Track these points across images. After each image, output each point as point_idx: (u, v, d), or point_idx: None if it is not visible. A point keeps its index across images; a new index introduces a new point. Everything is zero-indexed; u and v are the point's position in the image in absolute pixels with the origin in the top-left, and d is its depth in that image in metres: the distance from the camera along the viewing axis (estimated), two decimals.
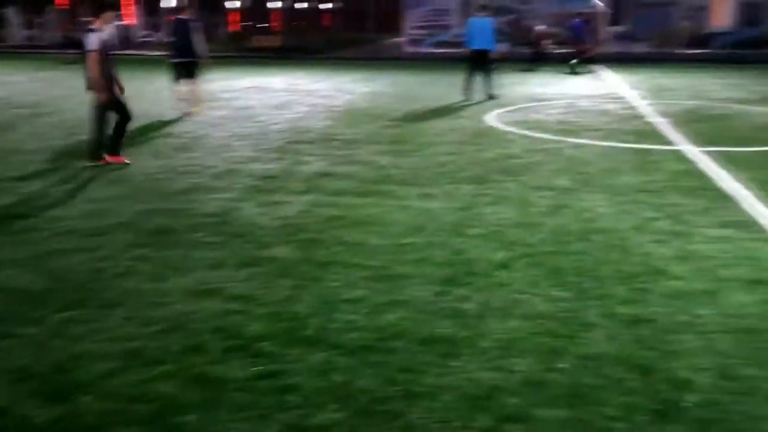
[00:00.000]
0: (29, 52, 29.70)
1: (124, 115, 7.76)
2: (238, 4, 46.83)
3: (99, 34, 7.45)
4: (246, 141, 9.05)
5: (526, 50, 21.06)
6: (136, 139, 9.24)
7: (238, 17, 51.87)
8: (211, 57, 12.64)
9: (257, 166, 7.49)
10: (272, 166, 7.50)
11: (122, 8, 40.31)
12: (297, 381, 3.08)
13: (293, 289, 4.12)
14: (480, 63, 13.16)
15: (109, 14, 7.75)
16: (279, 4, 48.67)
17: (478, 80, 13.12)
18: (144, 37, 39.95)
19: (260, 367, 3.19)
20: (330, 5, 56.04)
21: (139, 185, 6.69)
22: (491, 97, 13.01)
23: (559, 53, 21.03)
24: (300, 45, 29.99)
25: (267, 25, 48.06)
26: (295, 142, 8.97)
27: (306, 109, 12.19)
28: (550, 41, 21.79)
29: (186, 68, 11.32)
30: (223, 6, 43.21)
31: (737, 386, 3.02)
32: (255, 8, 50.92)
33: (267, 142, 8.99)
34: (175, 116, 11.12)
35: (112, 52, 7.68)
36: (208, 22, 36.61)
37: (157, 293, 4.05)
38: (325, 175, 7.07)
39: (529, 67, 19.39)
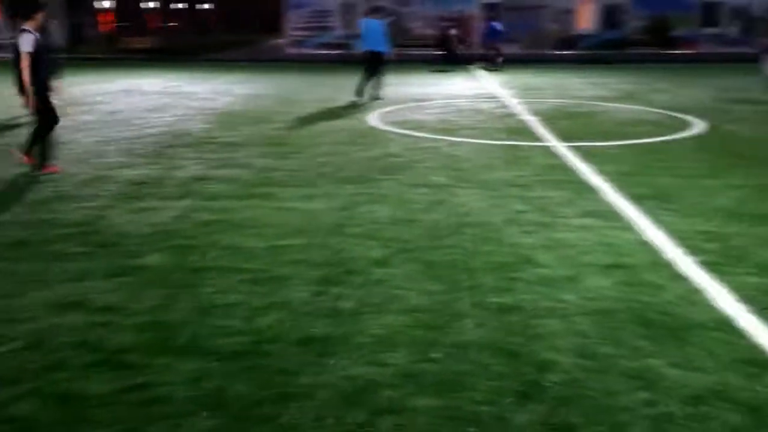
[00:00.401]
0: None
1: (50, 121, 7.28)
2: (107, 4, 44.69)
3: (32, 35, 7.01)
4: (116, 146, 8.64)
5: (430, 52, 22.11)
6: None
7: (110, 17, 49.45)
8: (80, 59, 11.96)
9: (128, 172, 7.17)
10: (145, 172, 7.20)
11: None
12: (166, 391, 2.97)
13: (165, 297, 3.97)
14: (372, 64, 13.27)
15: (39, 15, 7.21)
16: (152, 5, 46.92)
17: (370, 81, 13.27)
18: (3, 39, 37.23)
19: (127, 380, 3.05)
20: (207, 5, 54.67)
21: None
22: (376, 98, 13.17)
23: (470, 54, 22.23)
24: (176, 46, 29.03)
25: (139, 25, 46.23)
26: (170, 146, 8.67)
27: (182, 112, 11.81)
28: (464, 44, 22.99)
29: None
30: (92, 6, 41.08)
31: (595, 365, 3.22)
32: (128, 8, 48.79)
33: (139, 146, 8.63)
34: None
35: (50, 55, 7.23)
36: (74, 21, 34.66)
37: (13, 309, 3.79)
38: (202, 179, 6.88)
39: (442, 68, 20.15)
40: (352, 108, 12.29)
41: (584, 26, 27.07)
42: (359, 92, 13.23)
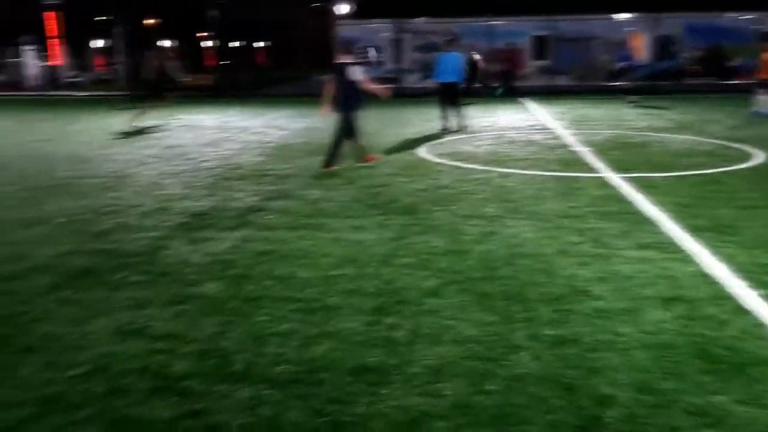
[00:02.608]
0: None
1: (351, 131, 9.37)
2: (168, 44, 46.48)
3: None
4: (176, 179, 8.92)
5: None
6: (58, 180, 8.99)
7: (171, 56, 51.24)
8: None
9: (187, 204, 7.38)
10: (203, 203, 7.40)
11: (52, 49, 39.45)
12: (223, 418, 3.02)
13: (221, 325, 4.05)
14: (447, 95, 13.76)
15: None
16: (210, 43, 48.64)
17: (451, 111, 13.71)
18: (70, 77, 39.06)
19: (185, 407, 3.11)
20: (261, 43, 56.29)
21: (59, 227, 6.48)
22: (463, 127, 13.69)
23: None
24: (231, 83, 29.92)
25: (198, 63, 47.84)
26: (227, 178, 8.90)
27: (238, 146, 12.13)
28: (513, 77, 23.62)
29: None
30: (154, 45, 42.82)
31: (656, 400, 3.13)
32: (187, 47, 50.65)
33: (198, 179, 8.88)
34: (97, 156, 10.88)
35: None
36: (136, 60, 36.15)
37: (78, 336, 3.92)
38: (257, 210, 7.03)
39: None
40: (402, 140, 12.39)
41: (636, 57, 26.76)
42: (445, 121, 13.76)
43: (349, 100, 9.34)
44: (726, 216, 6.38)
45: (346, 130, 9.44)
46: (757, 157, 9.73)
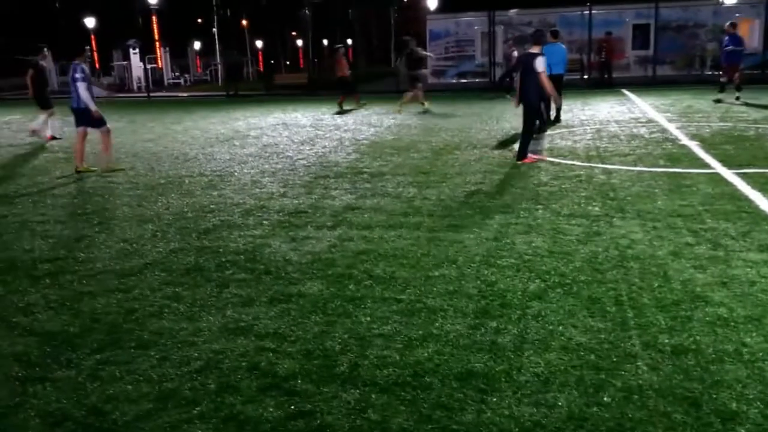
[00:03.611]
0: None
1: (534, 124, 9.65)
2: (262, 44, 47.74)
3: None
4: (274, 177, 9.12)
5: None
6: (165, 178, 9.38)
7: (263, 56, 52.85)
8: (239, 95, 12.85)
9: (285, 202, 7.53)
10: (300, 201, 7.52)
11: (154, 52, 41.45)
12: (332, 420, 3.02)
13: (325, 325, 4.08)
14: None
15: None
16: (300, 42, 49.63)
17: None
18: (173, 79, 40.92)
19: (294, 407, 3.14)
20: (350, 41, 56.94)
21: (169, 224, 6.75)
22: (559, 120, 13.67)
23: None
24: (324, 81, 30.41)
25: (291, 62, 48.94)
26: (323, 176, 9.02)
27: (332, 143, 12.28)
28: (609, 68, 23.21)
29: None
30: (252, 46, 44.14)
31: None
32: (279, 47, 51.89)
33: (295, 177, 9.04)
34: (200, 155, 11.28)
35: None
36: (230, 61, 37.38)
37: (191, 332, 4.04)
38: (353, 208, 7.07)
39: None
40: (496, 136, 12.16)
41: (746, 45, 25.16)
42: (545, 116, 13.37)
43: (533, 90, 9.25)
44: None
45: (532, 120, 9.48)
46: None
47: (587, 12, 25.38)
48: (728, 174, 7.85)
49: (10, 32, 42.25)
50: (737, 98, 15.92)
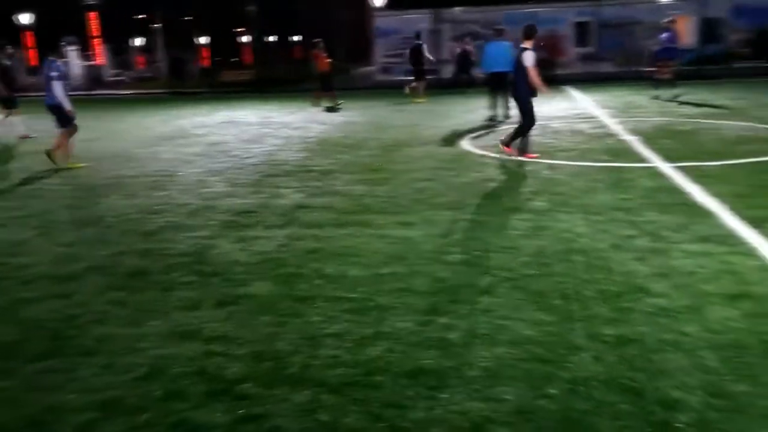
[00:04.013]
0: None
1: (532, 120, 9.43)
2: (206, 40, 46.93)
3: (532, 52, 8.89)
4: (220, 176, 8.98)
5: None
6: (106, 179, 9.13)
7: (208, 53, 51.92)
8: (182, 93, 12.63)
9: (233, 202, 7.42)
10: (249, 201, 7.42)
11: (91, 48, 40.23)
12: (282, 422, 2.99)
13: (274, 326, 4.03)
14: (497, 85, 13.66)
15: None
16: (245, 39, 49.01)
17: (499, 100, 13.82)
18: (114, 76, 39.83)
19: (244, 411, 3.09)
20: (298, 38, 56.47)
21: (110, 227, 6.57)
22: (507, 117, 13.62)
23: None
24: (270, 78, 30.12)
25: (236, 59, 48.29)
26: (271, 175, 8.92)
27: (280, 141, 12.17)
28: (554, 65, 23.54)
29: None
30: (194, 42, 43.32)
31: (729, 404, 2.99)
32: (224, 43, 51.09)
33: (242, 176, 8.92)
34: (143, 155, 11.03)
35: None
36: (173, 57, 36.64)
37: (135, 338, 3.94)
38: (303, 207, 7.02)
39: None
40: (445, 132, 12.26)
41: (681, 41, 26.02)
42: (493, 111, 13.85)
43: (522, 85, 9.13)
44: None
45: (528, 116, 9.27)
46: None
47: (531, 10, 25.82)
48: (667, 168, 8.11)
49: None
50: (676, 95, 16.20)
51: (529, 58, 8.96)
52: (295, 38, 60.25)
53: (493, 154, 9.68)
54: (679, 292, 4.27)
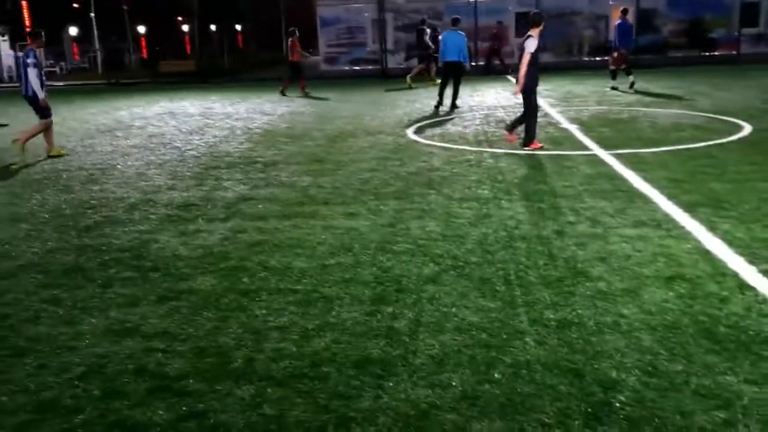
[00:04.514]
0: None
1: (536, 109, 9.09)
2: (145, 30, 45.69)
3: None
4: (161, 169, 8.76)
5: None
6: (40, 174, 8.80)
7: (146, 42, 50.56)
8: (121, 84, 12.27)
9: (174, 195, 7.25)
10: (190, 194, 7.27)
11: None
12: (226, 418, 2.94)
13: (218, 321, 3.96)
14: (452, 74, 13.85)
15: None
16: (185, 28, 47.87)
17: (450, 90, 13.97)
18: (47, 67, 38.34)
19: (186, 408, 3.03)
20: (239, 27, 55.50)
21: (45, 222, 6.34)
22: (455, 106, 13.79)
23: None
24: (213, 68, 29.56)
25: (176, 49, 47.19)
26: (214, 167, 8.76)
27: (223, 132, 11.95)
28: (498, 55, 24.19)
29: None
30: (132, 32, 42.11)
31: (665, 383, 3.09)
32: (164, 32, 49.82)
33: (184, 168, 8.73)
34: (79, 147, 10.67)
35: None
36: (117, 48, 35.59)
37: (71, 337, 3.81)
38: (247, 199, 6.91)
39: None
40: (389, 122, 12.27)
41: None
42: (440, 100, 13.96)
43: (529, 74, 8.76)
44: (720, 190, 6.35)
45: (531, 105, 8.94)
46: (745, 129, 9.73)
47: (473, 0, 26.02)
48: (605, 155, 8.31)
49: None
50: (632, 84, 15.96)
51: (531, 45, 8.66)
52: (238, 27, 59.22)
53: (438, 144, 9.73)
54: (617, 275, 4.38)
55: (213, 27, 49.87)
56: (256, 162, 8.96)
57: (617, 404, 2.93)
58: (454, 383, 3.15)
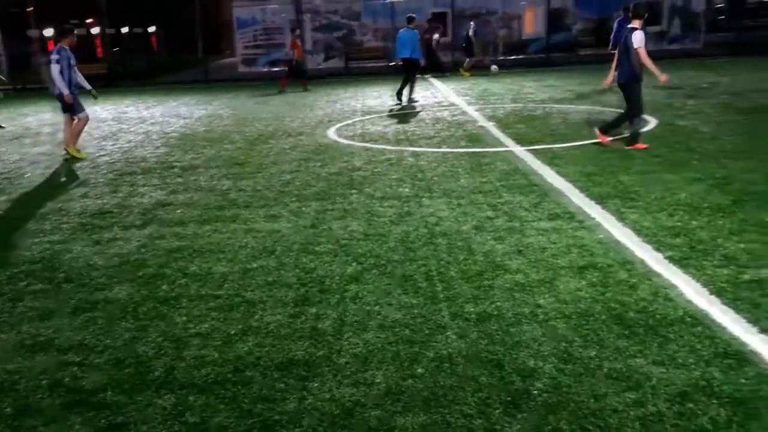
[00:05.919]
0: None
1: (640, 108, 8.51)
2: (51, 32, 43.60)
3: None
4: (72, 176, 8.42)
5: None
6: None
7: (53, 46, 48.19)
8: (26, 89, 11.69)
9: (87, 203, 6.98)
10: (104, 201, 7.02)
11: None
12: (147, 429, 2.87)
13: (136, 330, 3.85)
14: (408, 70, 14.51)
15: None
16: (95, 30, 46.17)
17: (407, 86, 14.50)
18: None
19: (104, 421, 2.93)
20: (151, 29, 53.94)
21: None
22: (411, 101, 14.49)
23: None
24: (125, 71, 28.61)
25: (87, 51, 45.32)
26: (129, 173, 8.49)
27: (138, 137, 11.59)
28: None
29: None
30: (36, 33, 40.21)
31: (579, 368, 3.23)
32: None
33: (97, 175, 8.42)
34: None
35: None
36: (16, 50, 33.86)
37: None
38: (164, 205, 6.74)
39: (440, 75, 21.35)
40: (310, 123, 12.23)
41: (531, 31, 27.55)
42: (399, 96, 14.58)
43: (627, 69, 8.34)
44: (628, 182, 6.67)
45: (630, 103, 8.43)
46: (651, 123, 10.23)
47: (389, 0, 26.24)
48: (520, 151, 8.57)
49: None
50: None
51: (638, 39, 8.13)
52: (151, 29, 57.45)
53: (359, 143, 9.77)
54: (533, 267, 4.54)
55: (125, 30, 48.21)
56: (174, 167, 8.75)
57: (535, 392, 3.04)
58: (378, 380, 3.19)
